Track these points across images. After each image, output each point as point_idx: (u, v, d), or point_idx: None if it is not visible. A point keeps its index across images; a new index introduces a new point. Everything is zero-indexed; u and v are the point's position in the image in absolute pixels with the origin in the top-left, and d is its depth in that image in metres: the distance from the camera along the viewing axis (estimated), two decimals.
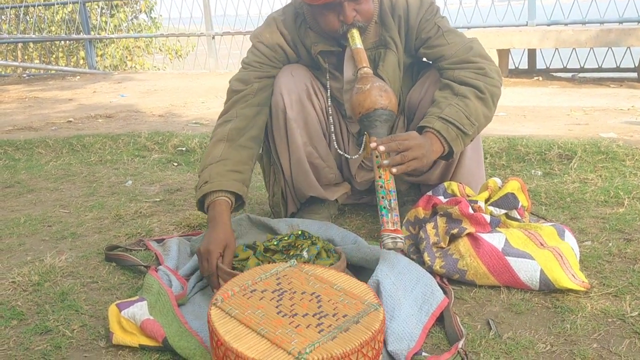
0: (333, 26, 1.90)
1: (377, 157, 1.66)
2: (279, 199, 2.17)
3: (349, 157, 2.10)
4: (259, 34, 2.07)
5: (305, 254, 1.66)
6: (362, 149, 2.04)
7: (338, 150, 2.10)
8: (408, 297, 1.56)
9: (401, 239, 1.59)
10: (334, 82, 2.07)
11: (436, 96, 1.89)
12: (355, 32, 1.89)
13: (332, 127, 2.09)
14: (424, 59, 2.08)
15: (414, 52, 2.04)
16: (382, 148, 1.63)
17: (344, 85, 2.04)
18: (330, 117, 2.09)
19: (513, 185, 1.89)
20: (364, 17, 1.90)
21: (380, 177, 1.65)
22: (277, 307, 1.30)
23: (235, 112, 1.98)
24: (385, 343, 1.39)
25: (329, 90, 2.07)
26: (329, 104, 2.08)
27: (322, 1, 1.83)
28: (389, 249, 1.58)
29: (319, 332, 1.21)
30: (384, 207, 1.62)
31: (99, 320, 1.61)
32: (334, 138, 2.10)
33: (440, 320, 1.52)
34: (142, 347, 1.44)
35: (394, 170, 1.64)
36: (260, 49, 2.05)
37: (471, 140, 1.88)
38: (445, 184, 1.96)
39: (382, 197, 1.63)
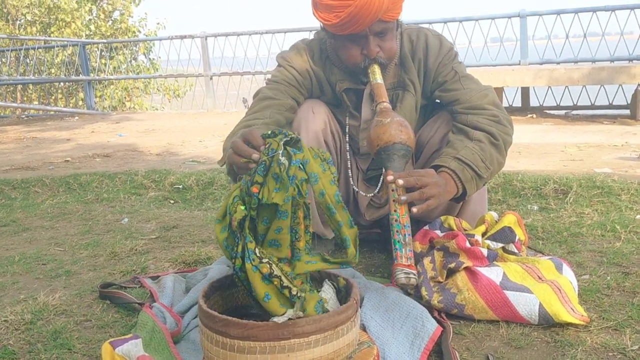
0: (355, 60, 1.93)
1: (393, 190, 1.66)
2: None
3: (364, 194, 2.10)
4: (289, 57, 2.07)
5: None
6: (379, 187, 2.04)
7: (354, 187, 2.11)
8: (398, 334, 1.54)
9: (414, 275, 1.57)
10: (352, 120, 2.09)
11: (450, 138, 1.91)
12: (376, 68, 1.92)
13: (349, 163, 2.10)
14: (438, 101, 2.09)
15: (429, 94, 2.06)
16: (400, 182, 1.64)
17: (361, 124, 2.06)
18: (348, 153, 2.11)
19: (510, 219, 1.89)
20: (386, 54, 1.93)
21: (395, 210, 1.65)
22: None
23: (269, 114, 1.95)
24: None
25: (347, 127, 2.09)
26: (347, 140, 2.10)
27: (348, 32, 1.85)
28: (402, 284, 1.57)
29: None
30: (398, 242, 1.61)
31: (92, 358, 1.58)
32: (350, 174, 2.11)
33: (439, 354, 1.50)
34: None
35: (414, 210, 1.64)
36: (291, 72, 2.05)
37: (484, 185, 1.89)
38: (442, 218, 1.96)
39: (397, 232, 1.62)
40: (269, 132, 1.41)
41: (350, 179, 2.10)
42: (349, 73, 2.03)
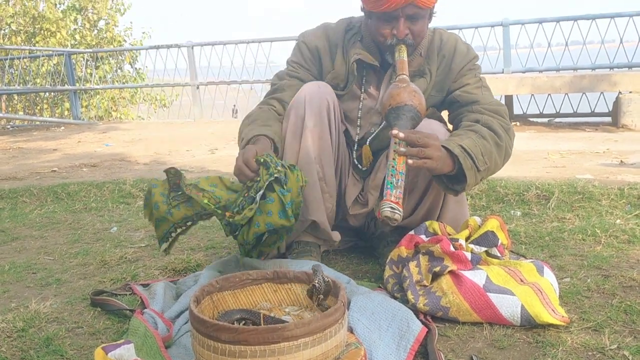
0: (384, 37, 2.02)
1: (395, 143, 1.75)
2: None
3: (360, 167, 2.20)
4: (305, 34, 2.23)
5: None
6: (362, 163, 2.18)
7: (355, 161, 2.20)
8: (384, 336, 1.58)
9: (399, 211, 1.64)
10: (351, 102, 2.18)
11: (459, 130, 2.00)
12: (403, 48, 2.01)
13: (340, 153, 2.19)
14: (456, 100, 2.15)
15: (447, 91, 2.15)
16: (401, 135, 1.74)
17: (377, 103, 2.15)
18: (343, 142, 2.20)
19: (492, 224, 1.94)
20: (415, 36, 2.03)
21: (394, 159, 1.74)
22: None
23: (266, 102, 2.19)
24: None
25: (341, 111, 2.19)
26: (344, 128, 2.20)
27: (383, 9, 1.95)
28: (386, 216, 1.65)
29: None
30: (391, 183, 1.69)
31: None
32: (342, 165, 2.20)
33: (425, 356, 1.54)
34: None
35: (410, 161, 1.73)
36: (301, 49, 2.22)
37: (481, 180, 1.96)
38: (427, 223, 2.01)
39: (392, 175, 1.70)
40: (262, 160, 1.82)
41: (354, 153, 2.20)
42: (371, 51, 2.12)
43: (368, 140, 2.19)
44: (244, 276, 1.60)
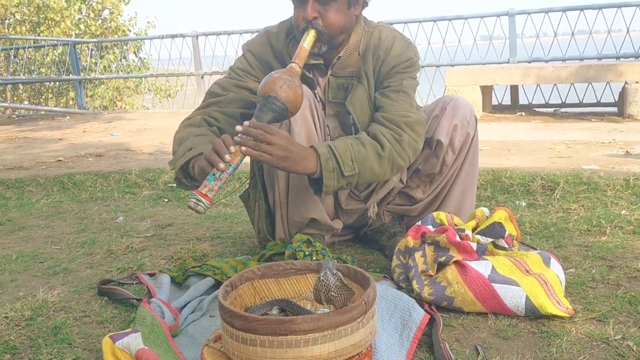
0: (297, 22, 1.97)
1: (239, 132, 1.74)
2: (265, 234, 2.19)
3: None
4: (250, 43, 2.15)
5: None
6: None
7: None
8: (387, 326, 1.59)
9: (204, 204, 1.68)
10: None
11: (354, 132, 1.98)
12: (311, 34, 1.93)
13: (330, 138, 2.14)
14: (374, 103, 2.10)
15: (374, 92, 2.08)
16: (239, 128, 1.73)
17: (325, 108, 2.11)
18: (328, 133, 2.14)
19: (500, 215, 1.94)
20: (326, 23, 1.95)
21: (230, 152, 1.73)
22: None
23: (209, 113, 2.07)
24: None
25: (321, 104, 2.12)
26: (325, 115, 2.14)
27: None
28: (189, 207, 1.69)
29: None
30: (213, 174, 1.72)
31: (92, 353, 1.62)
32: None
33: (430, 346, 1.55)
34: None
35: (242, 148, 1.72)
36: (247, 58, 2.12)
37: (349, 186, 1.92)
38: (434, 214, 2.01)
39: (217, 169, 1.72)
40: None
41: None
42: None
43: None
44: (288, 265, 1.61)
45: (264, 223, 2.17)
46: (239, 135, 1.73)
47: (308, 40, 1.92)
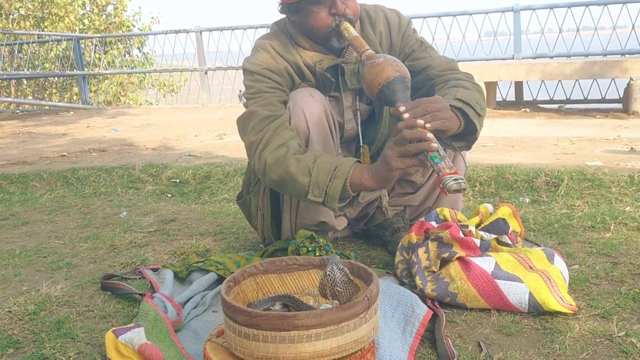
0: (325, 22, 1.94)
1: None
2: (270, 240, 2.19)
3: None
4: (260, 61, 2.00)
5: None
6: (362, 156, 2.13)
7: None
8: (390, 322, 1.59)
9: (463, 179, 1.56)
10: (333, 102, 2.10)
11: (439, 89, 1.93)
12: (347, 24, 1.94)
13: (339, 149, 2.12)
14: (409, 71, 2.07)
15: None
16: (405, 115, 1.64)
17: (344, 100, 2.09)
18: (340, 136, 2.13)
19: (504, 211, 1.93)
20: (352, 10, 1.96)
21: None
22: None
23: (289, 135, 1.90)
24: None
25: (343, 105, 2.10)
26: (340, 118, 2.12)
27: None
28: (454, 190, 1.55)
29: None
30: (435, 157, 1.60)
31: (95, 347, 1.62)
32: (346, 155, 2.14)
33: (433, 342, 1.55)
34: None
35: (427, 125, 1.63)
36: (268, 76, 1.99)
37: (480, 128, 1.90)
38: (437, 210, 2.01)
39: (428, 152, 1.62)
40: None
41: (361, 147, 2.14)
42: (322, 52, 2.03)
43: (360, 136, 2.13)
44: (291, 261, 1.60)
45: (269, 229, 2.17)
46: (412, 119, 1.64)
47: (352, 29, 1.94)
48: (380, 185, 1.77)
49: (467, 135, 1.87)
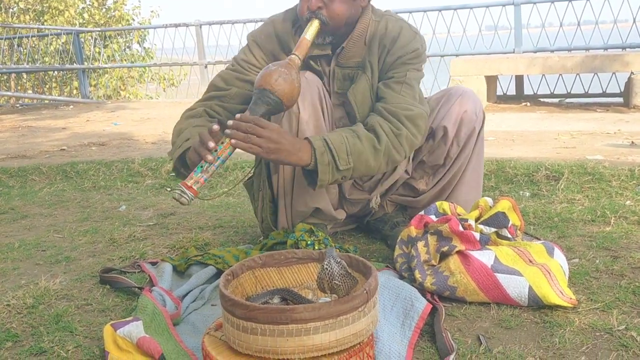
0: (302, 12, 1.95)
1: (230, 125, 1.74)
2: (268, 223, 2.18)
3: None
4: (255, 33, 2.11)
5: None
6: None
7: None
8: (389, 316, 1.59)
9: (189, 197, 1.68)
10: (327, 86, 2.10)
11: (356, 124, 1.95)
12: (314, 23, 1.91)
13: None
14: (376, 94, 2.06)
15: (377, 82, 2.05)
16: (230, 122, 1.72)
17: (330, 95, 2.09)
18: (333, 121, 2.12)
19: (504, 205, 1.92)
20: (330, 13, 1.93)
21: (222, 142, 1.73)
22: None
23: (210, 106, 2.08)
24: None
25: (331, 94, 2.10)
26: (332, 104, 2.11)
27: None
28: (173, 198, 1.69)
29: None
30: (200, 166, 1.71)
31: (93, 341, 1.62)
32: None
33: (432, 335, 1.55)
34: None
35: (232, 141, 1.71)
36: (252, 50, 2.09)
37: (343, 180, 1.90)
38: (437, 203, 2.00)
39: (205, 161, 1.71)
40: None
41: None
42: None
43: None
44: (290, 254, 1.60)
45: (268, 212, 2.16)
46: (230, 128, 1.72)
47: (311, 31, 1.90)
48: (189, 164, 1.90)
49: (312, 176, 1.88)
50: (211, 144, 1.72)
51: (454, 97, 2.11)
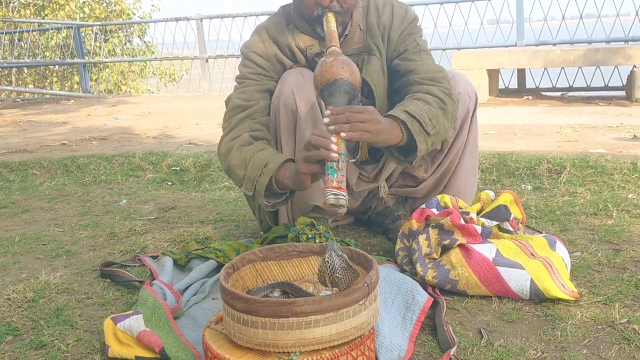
0: (309, 7, 1.91)
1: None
2: (267, 224, 2.17)
3: (352, 160, 2.08)
4: (251, 44, 2.06)
5: None
6: (357, 153, 2.07)
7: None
8: (390, 309, 1.58)
9: (344, 196, 1.56)
10: None
11: (407, 98, 1.92)
12: (331, 16, 1.89)
13: None
14: (396, 70, 2.05)
15: (389, 62, 2.06)
16: (326, 119, 1.63)
17: None
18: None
19: (506, 198, 1.92)
20: (342, 2, 1.91)
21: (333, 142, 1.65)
22: None
23: (249, 127, 1.95)
24: (376, 358, 1.41)
25: None
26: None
27: None
28: (331, 204, 1.56)
29: None
30: (331, 167, 1.61)
31: (94, 334, 1.61)
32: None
33: (433, 329, 1.54)
34: (138, 359, 1.45)
35: (342, 134, 1.62)
36: (254, 60, 2.04)
37: (433, 146, 1.89)
38: (439, 197, 1.99)
39: (332, 161, 1.62)
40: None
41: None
42: (315, 36, 2.01)
43: None
44: (290, 248, 1.59)
45: (266, 213, 2.15)
46: (328, 124, 1.64)
47: (332, 23, 1.89)
48: (295, 186, 1.79)
49: (408, 152, 1.84)
50: (334, 146, 1.61)
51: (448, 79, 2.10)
